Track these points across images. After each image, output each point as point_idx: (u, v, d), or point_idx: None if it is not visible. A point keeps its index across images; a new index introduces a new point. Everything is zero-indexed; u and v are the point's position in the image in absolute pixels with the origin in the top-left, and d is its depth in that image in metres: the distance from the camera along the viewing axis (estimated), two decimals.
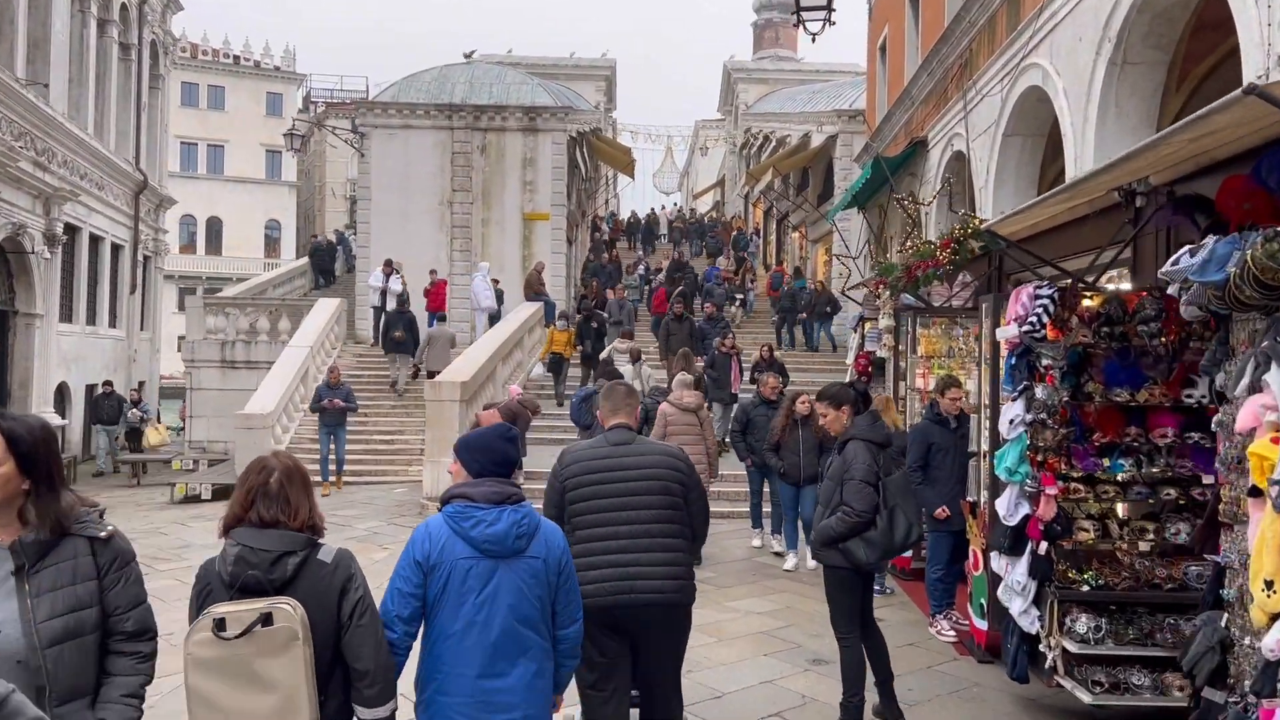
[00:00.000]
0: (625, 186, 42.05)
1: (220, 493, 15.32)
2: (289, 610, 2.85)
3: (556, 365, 17.37)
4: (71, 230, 20.90)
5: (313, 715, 2.89)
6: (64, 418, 20.22)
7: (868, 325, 12.22)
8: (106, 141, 22.73)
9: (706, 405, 10.22)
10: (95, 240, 22.54)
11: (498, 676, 3.23)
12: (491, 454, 3.45)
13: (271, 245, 63.16)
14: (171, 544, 11.15)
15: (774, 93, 43.42)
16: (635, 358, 18.03)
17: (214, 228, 60.78)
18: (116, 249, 24.13)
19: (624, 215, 44.41)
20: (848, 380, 12.21)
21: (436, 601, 3.24)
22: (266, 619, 2.82)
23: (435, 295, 22.43)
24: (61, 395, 20.44)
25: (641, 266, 26.38)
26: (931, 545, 7.31)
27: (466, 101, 25.58)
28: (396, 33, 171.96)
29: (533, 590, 3.32)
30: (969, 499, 7.04)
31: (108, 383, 21.02)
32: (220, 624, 2.84)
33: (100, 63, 22.56)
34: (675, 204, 60.58)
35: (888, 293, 10.34)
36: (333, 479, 15.18)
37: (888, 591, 8.50)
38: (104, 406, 20.30)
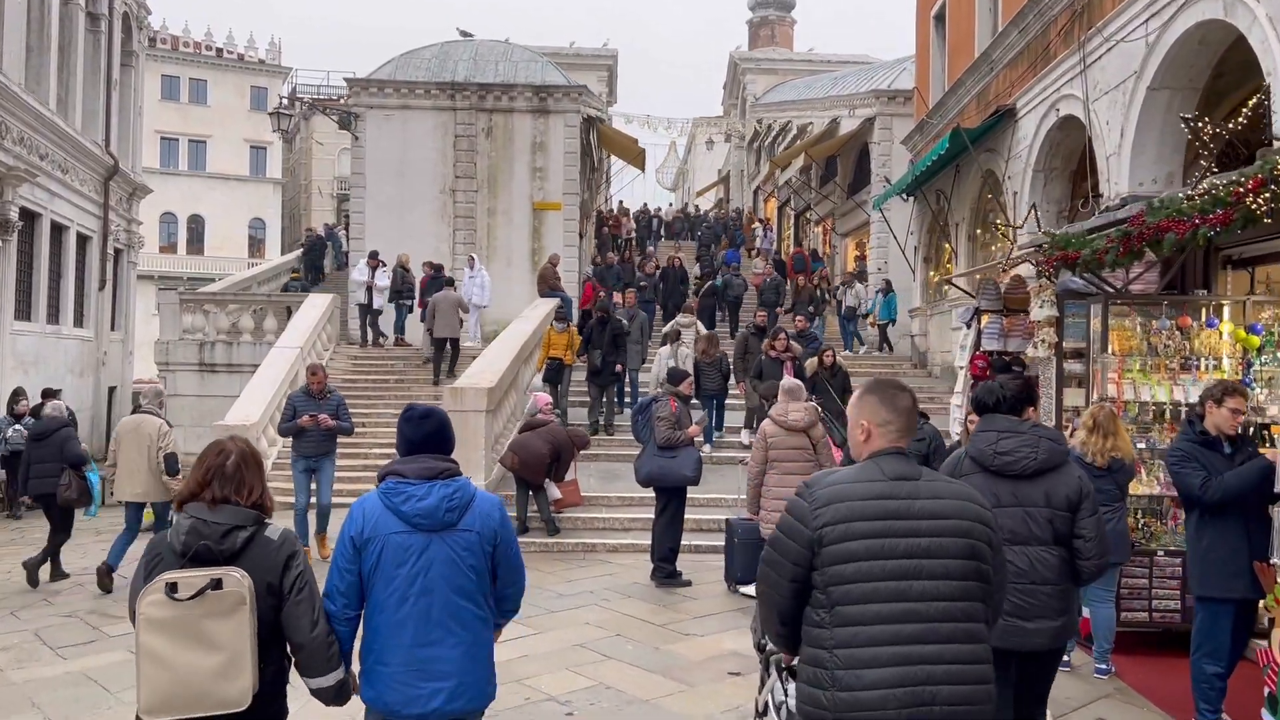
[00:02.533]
0: (623, 184, 39.84)
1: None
2: (238, 578, 3.00)
3: (555, 374, 14.45)
4: (29, 217, 18.55)
5: (253, 678, 3.03)
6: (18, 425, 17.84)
7: (984, 319, 10.02)
8: (72, 120, 20.38)
9: (821, 420, 7.98)
10: (58, 229, 20.18)
11: (433, 645, 3.29)
12: (418, 432, 3.46)
13: (256, 245, 60.95)
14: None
15: (784, 83, 41.35)
16: (677, 336, 15.83)
17: (196, 226, 58.46)
18: (84, 240, 21.77)
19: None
20: (962, 385, 10.04)
21: (371, 575, 3.30)
22: (217, 584, 2.98)
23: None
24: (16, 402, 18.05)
25: (650, 265, 23.66)
26: (1205, 623, 5.12)
27: (470, 80, 23.34)
28: (386, 27, 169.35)
29: (466, 562, 3.34)
30: (1273, 559, 4.88)
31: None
32: (173, 587, 3.00)
33: (64, 32, 20.22)
34: (669, 203, 58.51)
35: (1040, 278, 8.16)
36: (314, 539, 9.99)
37: (1108, 672, 6.22)
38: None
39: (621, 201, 36.13)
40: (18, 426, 14.36)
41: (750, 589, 8.32)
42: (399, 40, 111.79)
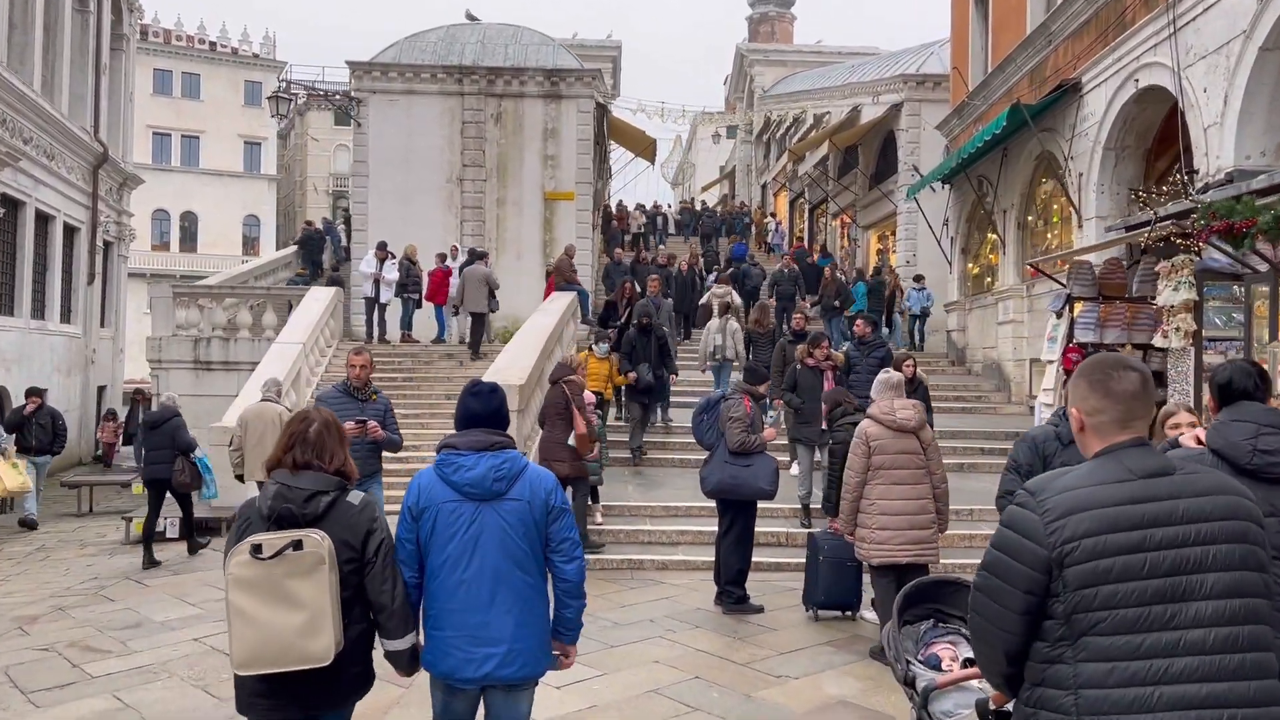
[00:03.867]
0: (626, 180, 38.68)
1: (201, 529, 11.88)
2: (317, 539, 3.10)
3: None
4: (12, 205, 17.40)
5: (336, 635, 3.11)
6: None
7: (1078, 307, 8.93)
8: (58, 104, 19.20)
9: (929, 423, 6.82)
10: (43, 219, 19.01)
11: (483, 611, 3.37)
12: (466, 411, 3.59)
13: (250, 242, 59.84)
14: (117, 619, 7.75)
15: (792, 75, 40.32)
16: (724, 309, 14.85)
17: (189, 224, 57.31)
18: (71, 231, 20.60)
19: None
20: (1054, 381, 8.96)
21: (427, 543, 3.43)
22: (297, 545, 3.08)
23: (441, 285, 18.83)
24: None
25: (663, 258, 22.40)
26: None
27: (479, 63, 22.23)
28: (382, 31, 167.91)
29: (516, 530, 3.42)
30: None
31: (34, 392, 14.23)
32: (257, 548, 3.12)
33: (50, 10, 19.04)
34: (669, 202, 57.34)
35: (1173, 258, 7.07)
36: None
37: None
38: (31, 427, 13.82)
39: (621, 201, 34.90)
40: None
41: (829, 613, 7.25)
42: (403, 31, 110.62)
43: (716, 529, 7.86)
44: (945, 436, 10.82)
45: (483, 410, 3.59)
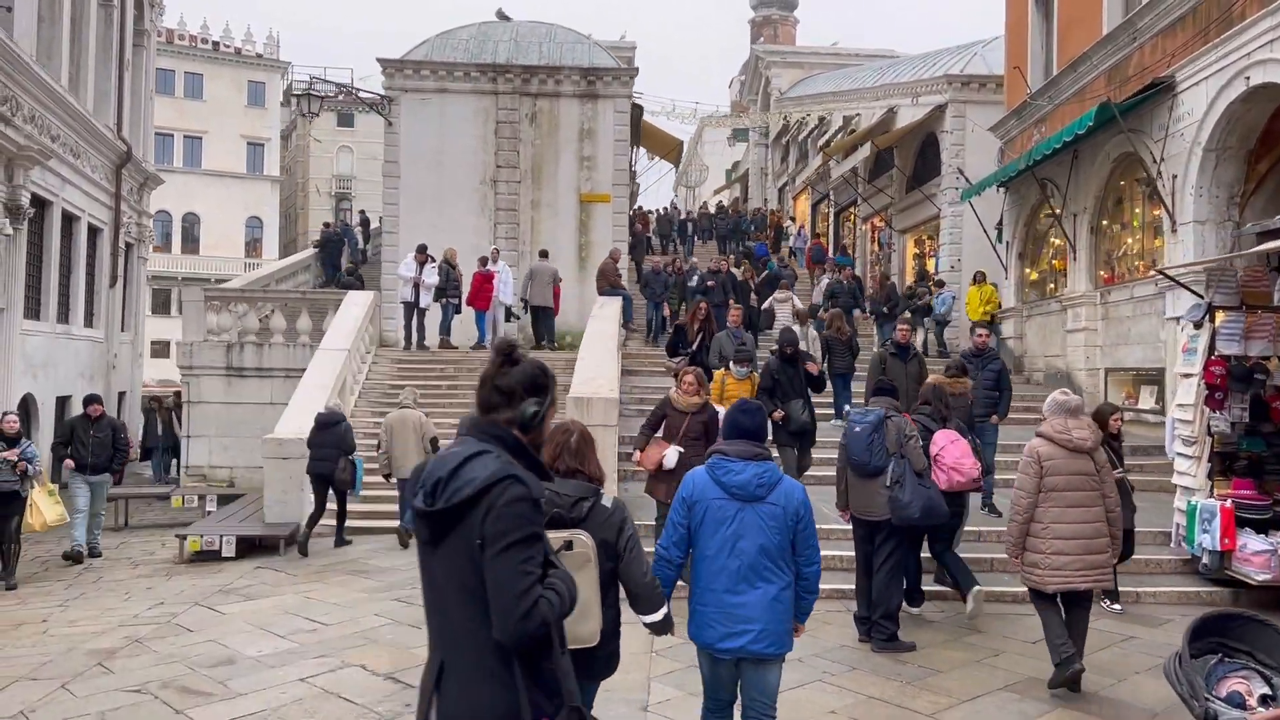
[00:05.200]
0: (649, 182, 38.12)
1: (252, 548, 11.28)
2: (585, 540, 3.47)
3: None
4: (40, 204, 16.74)
5: (599, 619, 3.48)
6: (29, 439, 16.03)
7: (1220, 317, 8.38)
8: (84, 100, 18.55)
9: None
10: (69, 219, 18.34)
11: (740, 594, 4.00)
12: (736, 425, 4.29)
13: (252, 244, 59.22)
14: (204, 654, 7.12)
15: (810, 77, 39.85)
16: (804, 318, 14.39)
17: (191, 225, 56.64)
18: (94, 232, 19.93)
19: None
20: (1195, 396, 8.39)
21: (697, 531, 4.10)
22: (569, 545, 3.42)
23: (486, 290, 18.22)
24: (26, 411, 16.24)
25: (696, 276, 21.17)
26: None
27: (513, 61, 21.63)
28: (381, 32, 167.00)
29: (771, 529, 4.04)
30: None
31: (94, 400, 12.27)
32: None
33: (77, 4, 18.38)
34: (672, 203, 56.78)
35: None
36: None
37: None
38: (87, 440, 11.73)
39: (640, 205, 34.30)
40: (6, 456, 10.24)
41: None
42: (397, 43, 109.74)
43: (854, 556, 7.31)
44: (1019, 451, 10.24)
45: (750, 425, 4.33)
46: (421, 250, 18.06)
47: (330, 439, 11.15)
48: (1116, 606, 7.86)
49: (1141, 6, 13.05)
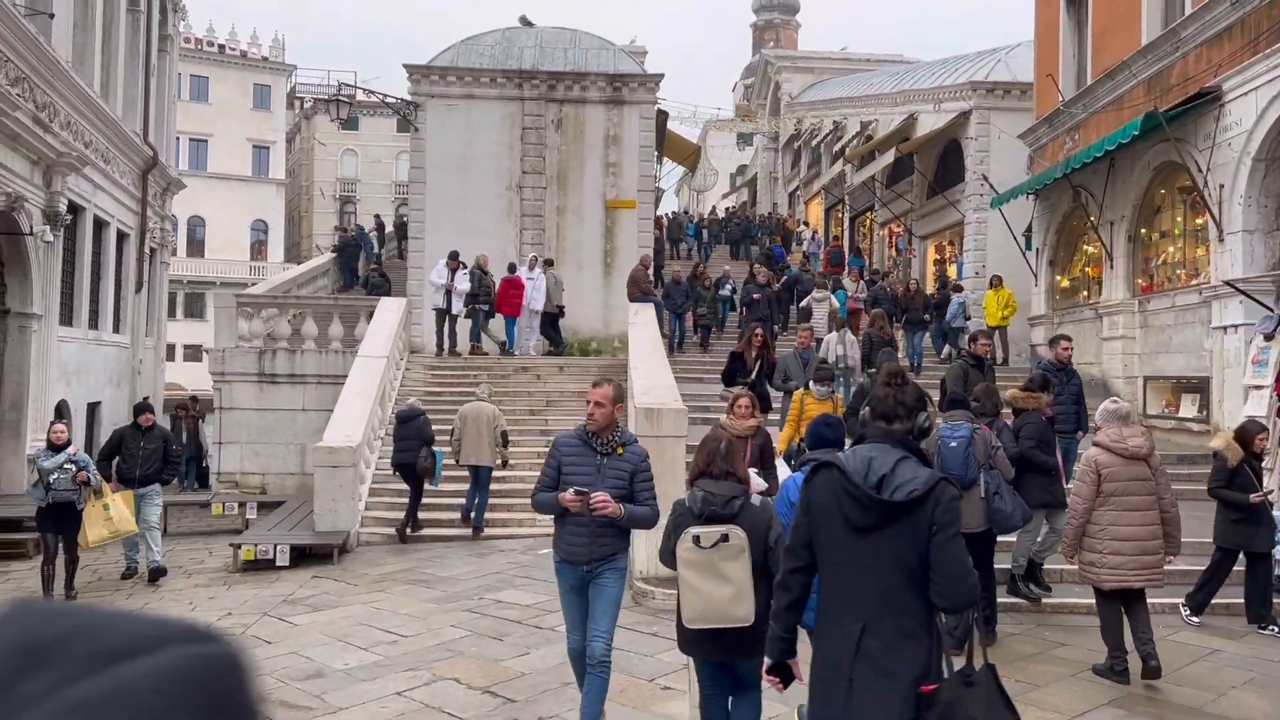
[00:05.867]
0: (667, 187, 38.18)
1: (302, 556, 11.25)
2: (739, 533, 4.21)
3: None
4: (73, 211, 16.71)
5: (752, 603, 4.16)
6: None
7: None
8: (114, 106, 18.53)
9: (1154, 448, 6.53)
10: (99, 225, 18.32)
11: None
12: (820, 436, 5.09)
13: (257, 248, 59.14)
14: (290, 667, 7.11)
15: (821, 81, 39.96)
16: (840, 322, 14.36)
17: (196, 228, 56.53)
18: (121, 238, 19.89)
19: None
20: (1269, 408, 8.41)
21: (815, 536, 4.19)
22: (725, 537, 4.20)
23: (510, 296, 18.20)
24: (60, 417, 16.18)
25: (729, 285, 20.58)
26: None
27: (539, 67, 21.63)
28: (385, 32, 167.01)
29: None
30: None
31: (145, 408, 11.52)
32: (697, 539, 4.26)
33: (108, 9, 18.36)
34: (684, 208, 56.81)
35: None
36: None
37: None
38: (137, 452, 10.87)
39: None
40: (66, 464, 9.80)
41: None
42: (398, 42, 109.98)
43: None
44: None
45: (832, 437, 5.07)
46: (454, 257, 18.05)
47: (411, 431, 11.93)
48: (1196, 619, 7.88)
49: (1186, 16, 13.10)
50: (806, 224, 35.78)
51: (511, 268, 18.62)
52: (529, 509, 12.88)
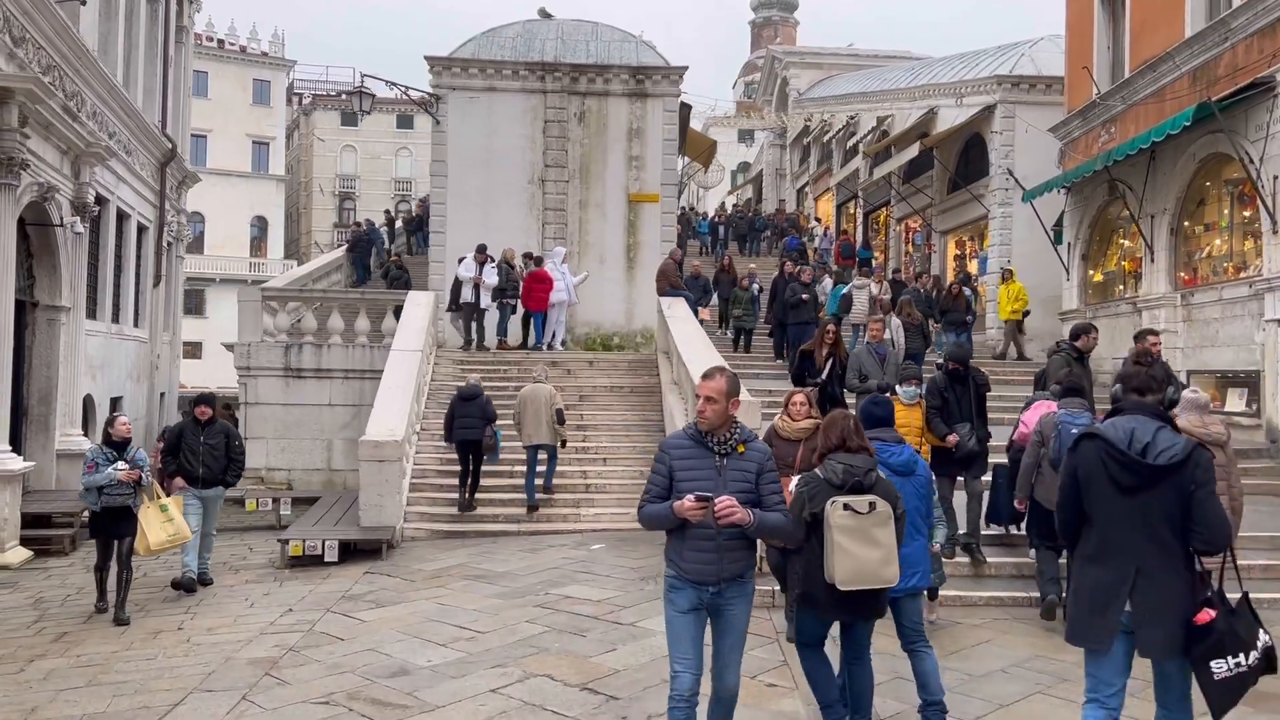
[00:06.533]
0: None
1: (347, 552, 11.03)
2: (884, 502, 4.66)
3: None
4: (98, 203, 16.43)
5: (898, 565, 4.68)
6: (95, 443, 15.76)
7: None
8: (134, 96, 18.26)
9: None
10: (121, 218, 18.06)
11: (907, 546, 5.03)
12: (871, 415, 5.60)
13: (257, 244, 58.82)
14: (371, 664, 6.91)
15: (829, 78, 39.80)
16: (886, 307, 14.29)
17: (194, 224, 56.10)
18: (141, 231, 19.63)
19: None
20: None
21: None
22: (873, 505, 4.62)
23: (537, 291, 17.99)
24: (85, 413, 15.95)
25: (755, 283, 19.04)
26: None
27: (561, 59, 21.43)
28: (389, 14, 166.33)
29: (920, 495, 5.42)
30: None
31: (205, 400, 10.24)
32: (848, 506, 4.61)
33: None
34: (690, 205, 56.62)
35: None
36: None
37: None
38: (197, 449, 9.75)
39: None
40: (120, 465, 8.68)
41: None
42: (402, 40, 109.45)
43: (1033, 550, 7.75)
44: None
45: (882, 414, 5.67)
46: (481, 250, 17.83)
47: (474, 409, 12.22)
48: None
49: (1236, 7, 12.97)
50: (819, 220, 35.62)
51: (538, 261, 18.44)
52: (574, 503, 12.88)
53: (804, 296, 15.57)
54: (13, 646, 7.74)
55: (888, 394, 7.78)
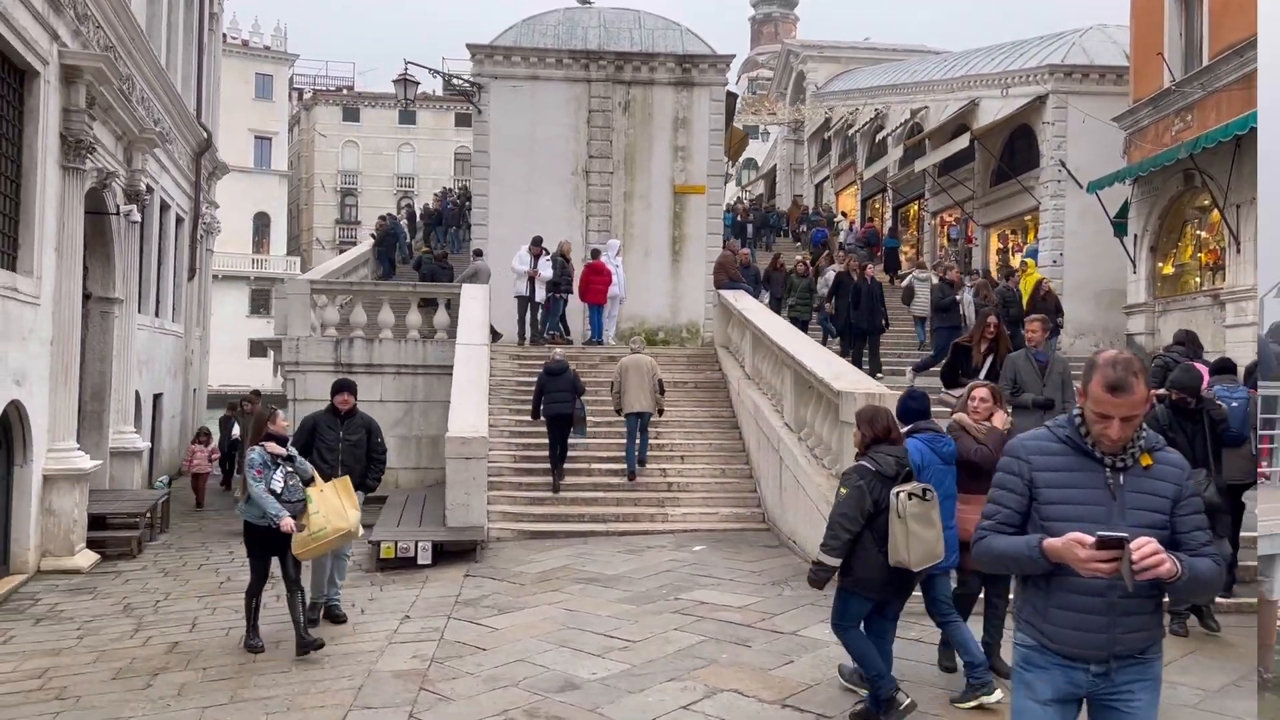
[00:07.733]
0: None
1: (438, 553, 10.50)
2: (931, 490, 5.29)
3: None
4: (148, 192, 15.87)
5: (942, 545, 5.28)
6: (147, 441, 15.21)
7: None
8: (175, 82, 17.67)
9: None
10: (163, 209, 17.48)
11: (949, 529, 5.59)
12: (910, 410, 6.11)
13: (260, 240, 58.09)
14: (532, 676, 6.40)
15: (848, 71, 39.43)
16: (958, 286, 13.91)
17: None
18: (178, 222, 19.05)
19: None
20: None
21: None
22: (924, 492, 5.21)
23: (595, 283, 17.54)
24: (137, 407, 15.37)
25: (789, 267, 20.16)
26: None
27: (605, 48, 20.93)
28: (385, 26, 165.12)
29: (956, 482, 5.87)
30: None
31: (345, 387, 8.53)
32: (909, 494, 5.16)
33: None
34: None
35: None
36: None
37: None
38: (336, 445, 8.29)
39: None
40: (281, 510, 7.14)
41: None
42: (400, 37, 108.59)
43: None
44: None
45: (919, 408, 6.13)
46: (536, 243, 17.33)
47: (564, 384, 12.30)
48: None
49: None
50: (845, 214, 35.19)
51: (595, 254, 17.95)
52: (659, 502, 12.39)
53: (956, 298, 14.84)
54: (126, 659, 7.21)
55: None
